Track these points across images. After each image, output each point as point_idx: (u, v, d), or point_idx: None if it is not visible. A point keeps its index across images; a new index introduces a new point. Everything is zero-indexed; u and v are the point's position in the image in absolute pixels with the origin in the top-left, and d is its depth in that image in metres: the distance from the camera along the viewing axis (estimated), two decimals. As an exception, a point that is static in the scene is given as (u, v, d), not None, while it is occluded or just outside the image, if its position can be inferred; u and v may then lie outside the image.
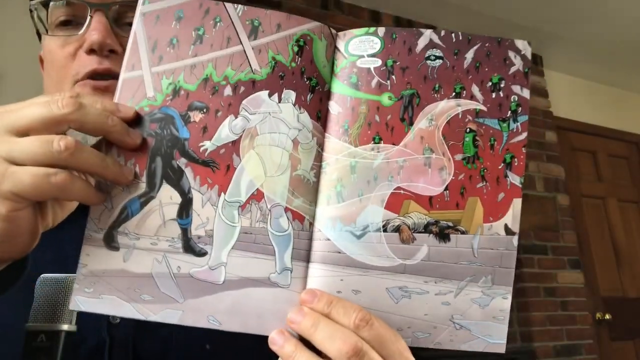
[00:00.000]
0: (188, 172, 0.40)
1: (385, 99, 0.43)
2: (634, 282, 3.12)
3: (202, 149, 0.41)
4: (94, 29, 0.54)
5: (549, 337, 2.58)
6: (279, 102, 0.42)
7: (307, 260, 0.41)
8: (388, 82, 0.44)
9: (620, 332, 2.95)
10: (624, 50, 3.14)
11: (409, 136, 0.43)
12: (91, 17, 0.55)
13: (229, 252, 0.40)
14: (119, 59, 0.54)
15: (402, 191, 0.42)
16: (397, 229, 0.41)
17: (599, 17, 2.82)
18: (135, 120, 0.41)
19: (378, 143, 0.42)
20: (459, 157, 0.43)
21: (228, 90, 0.42)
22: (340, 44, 0.45)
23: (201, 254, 0.40)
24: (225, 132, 0.41)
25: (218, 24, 0.43)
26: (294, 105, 0.42)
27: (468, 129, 0.43)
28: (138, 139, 0.40)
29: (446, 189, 0.42)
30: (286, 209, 0.41)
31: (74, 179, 0.37)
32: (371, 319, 0.38)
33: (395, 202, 0.41)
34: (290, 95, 0.42)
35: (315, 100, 0.43)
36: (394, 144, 0.42)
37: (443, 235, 0.42)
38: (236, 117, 0.42)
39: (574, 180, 3.12)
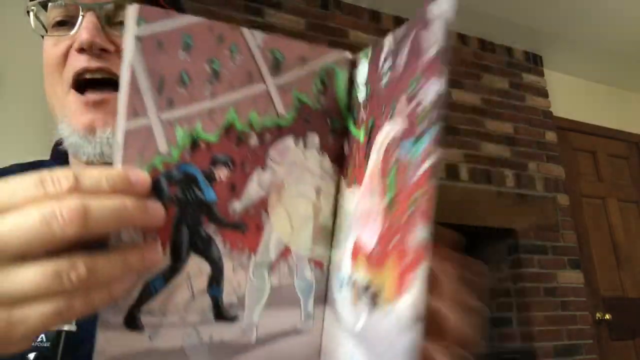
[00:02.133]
0: (217, 239, 0.34)
1: (362, 135, 0.36)
2: (634, 282, 3.12)
3: (230, 210, 0.34)
4: (84, 28, 0.55)
5: (549, 337, 2.58)
6: (305, 147, 0.37)
7: (324, 302, 0.38)
8: (365, 113, 0.36)
9: (620, 332, 2.95)
10: (624, 50, 3.13)
11: (365, 176, 0.35)
12: (83, 16, 0.56)
13: (260, 312, 0.36)
14: (111, 57, 0.56)
15: (357, 242, 0.35)
16: (353, 285, 0.34)
17: (599, 17, 2.81)
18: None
19: (356, 184, 0.36)
20: (385, 201, 0.32)
21: (254, 140, 0.35)
22: (356, 75, 0.38)
23: (233, 318, 0.35)
24: (254, 188, 0.35)
25: (235, 55, 0.35)
26: (318, 150, 0.37)
27: (394, 160, 0.31)
28: (160, 216, 0.32)
29: (378, 243, 0.32)
30: (309, 260, 0.37)
31: (85, 305, 0.30)
32: None
33: (355, 253, 0.34)
34: (314, 139, 0.37)
35: (336, 141, 0.38)
36: (359, 186, 0.35)
37: (375, 303, 0.31)
38: (263, 169, 0.35)
39: (574, 180, 3.12)
